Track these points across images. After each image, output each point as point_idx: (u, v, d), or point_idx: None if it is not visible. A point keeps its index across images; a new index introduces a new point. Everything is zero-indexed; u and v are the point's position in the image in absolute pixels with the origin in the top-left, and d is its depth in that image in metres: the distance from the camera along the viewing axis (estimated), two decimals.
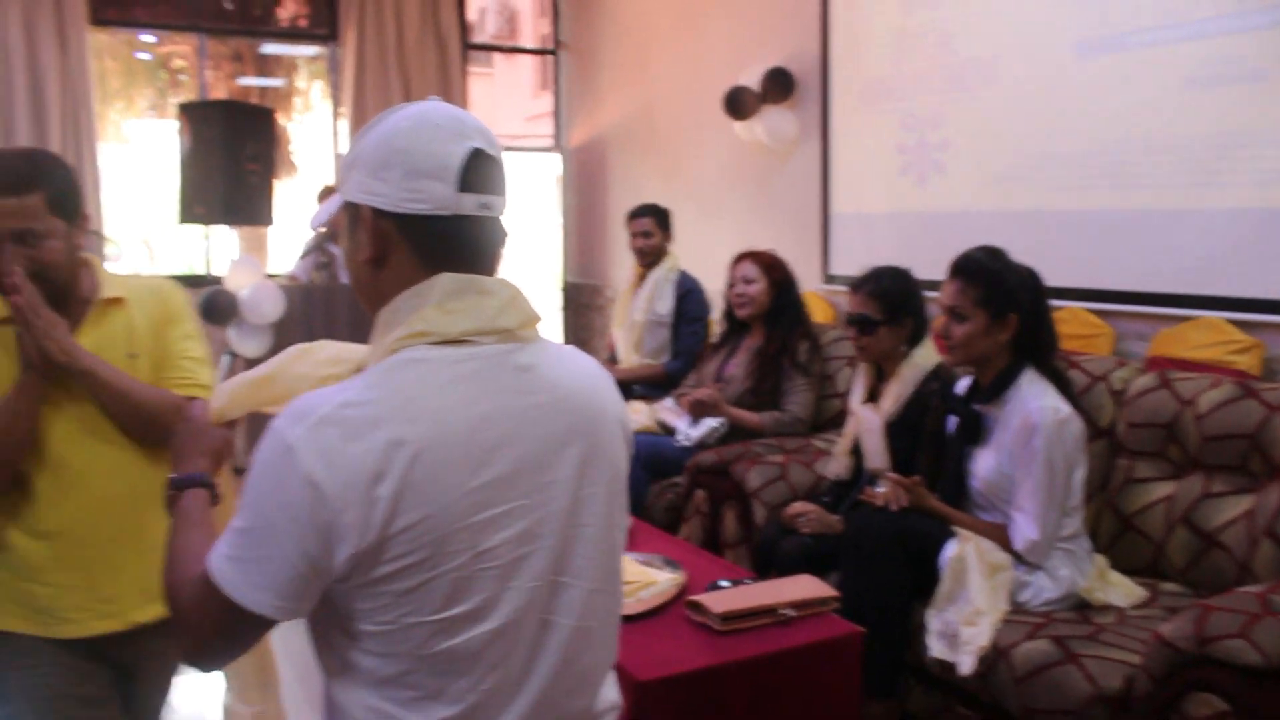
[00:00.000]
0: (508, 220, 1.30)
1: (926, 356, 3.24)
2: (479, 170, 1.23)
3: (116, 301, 2.01)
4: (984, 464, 2.86)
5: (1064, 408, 2.72)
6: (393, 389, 1.17)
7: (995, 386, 2.83)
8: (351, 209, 1.27)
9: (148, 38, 8.34)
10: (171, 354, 2.06)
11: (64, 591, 1.97)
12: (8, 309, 1.85)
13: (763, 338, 4.16)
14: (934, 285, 3.21)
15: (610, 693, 1.40)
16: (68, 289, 1.93)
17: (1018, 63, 4.07)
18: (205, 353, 2.15)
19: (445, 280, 1.22)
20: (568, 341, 7.61)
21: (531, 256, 7.85)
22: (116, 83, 8.38)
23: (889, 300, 3.22)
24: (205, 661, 1.26)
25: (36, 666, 1.95)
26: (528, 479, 1.22)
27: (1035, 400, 2.73)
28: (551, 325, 7.84)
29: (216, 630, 1.22)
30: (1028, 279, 2.83)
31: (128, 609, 2.02)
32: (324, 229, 5.65)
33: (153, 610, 2.03)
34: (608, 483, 1.31)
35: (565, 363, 1.31)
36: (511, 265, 1.32)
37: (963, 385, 3.01)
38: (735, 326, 4.31)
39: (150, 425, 1.98)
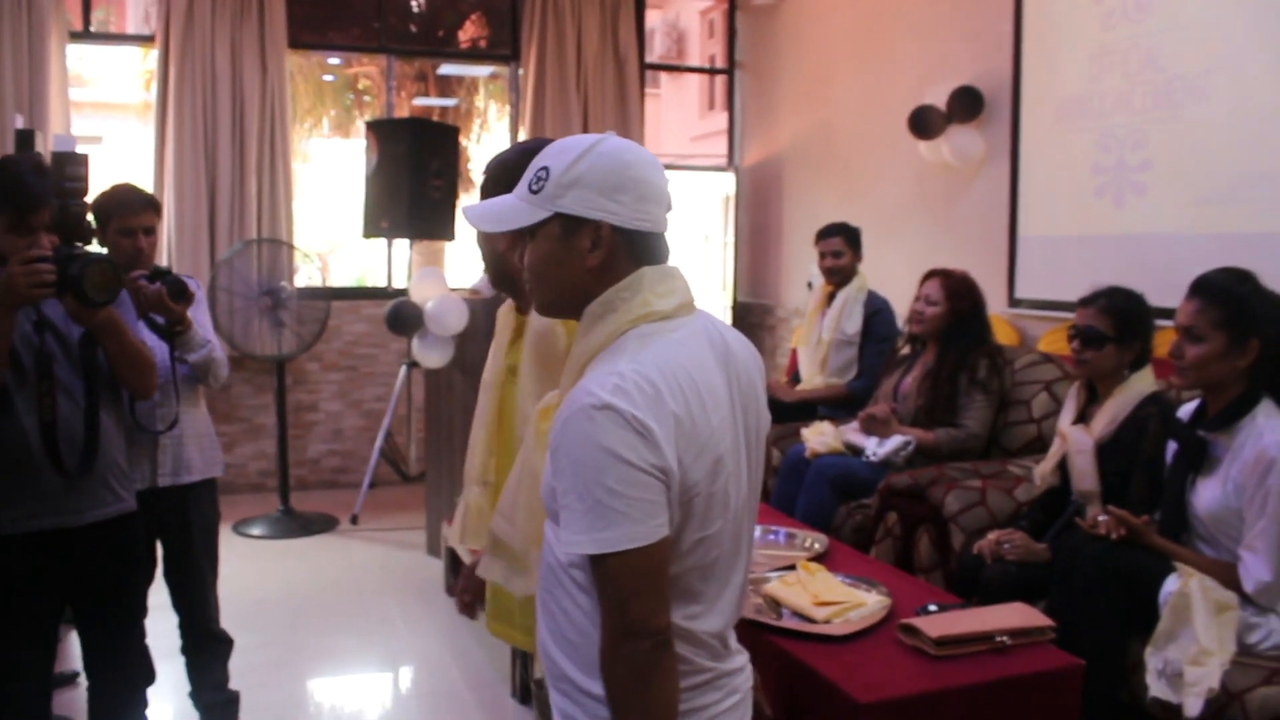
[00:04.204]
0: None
1: (1144, 381, 3.11)
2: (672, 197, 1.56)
3: None
4: (1208, 495, 2.72)
5: None
6: (653, 355, 1.44)
7: (1227, 414, 2.69)
8: (571, 221, 1.50)
9: (334, 60, 8.71)
10: None
11: None
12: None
13: (935, 357, 4.14)
14: None
15: None
16: None
17: (1231, 78, 3.89)
18: None
19: (651, 271, 1.51)
20: None
21: (701, 274, 7.86)
22: (305, 103, 8.77)
23: (1122, 318, 3.10)
24: (646, 625, 1.40)
25: None
26: (732, 414, 1.51)
27: (1273, 434, 2.58)
28: None
29: (640, 589, 1.39)
30: (1277, 305, 2.69)
31: None
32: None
33: None
34: (754, 414, 1.58)
35: (722, 324, 1.61)
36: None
37: (1187, 410, 2.88)
38: (914, 343, 4.30)
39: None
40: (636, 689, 1.40)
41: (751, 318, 7.49)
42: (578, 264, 1.50)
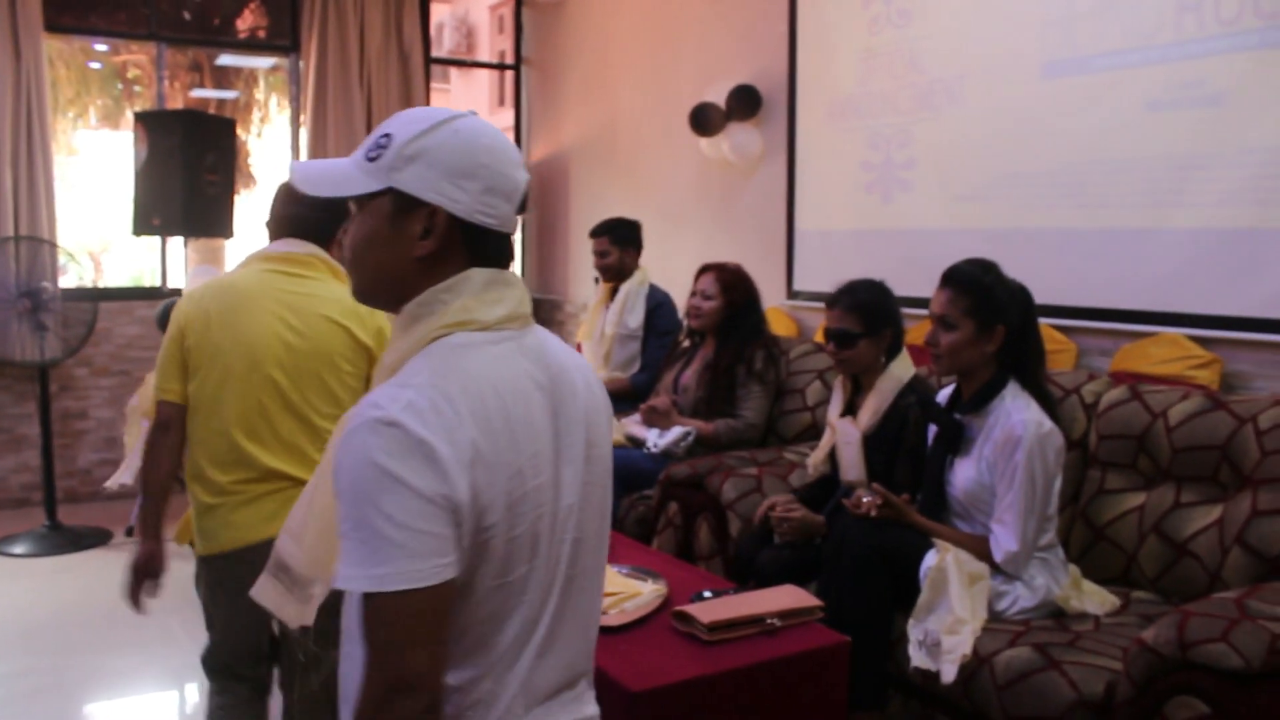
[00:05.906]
0: None
1: (903, 368, 3.26)
2: (525, 196, 1.40)
3: None
4: (963, 474, 2.89)
5: (1046, 422, 2.77)
6: (459, 371, 1.25)
7: (978, 398, 2.87)
8: (406, 200, 1.31)
9: (101, 46, 8.23)
10: None
11: None
12: None
13: (714, 350, 4.25)
14: (900, 302, 3.32)
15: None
16: None
17: (984, 83, 4.14)
18: None
19: (479, 274, 1.33)
20: None
21: None
22: (69, 92, 8.26)
23: (867, 312, 3.22)
24: (423, 680, 1.18)
25: None
26: (553, 448, 1.32)
27: (1019, 413, 2.77)
28: None
29: (417, 638, 1.17)
30: (1018, 293, 2.87)
31: None
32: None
33: None
34: (598, 448, 1.41)
35: (558, 344, 1.44)
36: None
37: (944, 395, 3.05)
38: (694, 336, 4.40)
39: None
40: None
41: (541, 313, 7.50)
42: (404, 251, 1.32)
